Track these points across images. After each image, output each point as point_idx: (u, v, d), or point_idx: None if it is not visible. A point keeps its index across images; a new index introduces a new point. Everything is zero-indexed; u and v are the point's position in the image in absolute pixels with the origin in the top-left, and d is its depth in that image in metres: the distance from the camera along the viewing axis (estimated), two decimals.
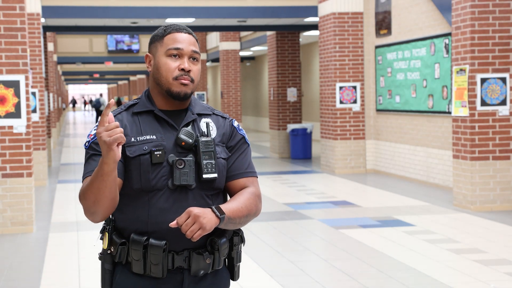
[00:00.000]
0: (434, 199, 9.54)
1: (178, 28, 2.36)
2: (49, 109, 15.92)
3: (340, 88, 12.56)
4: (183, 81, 2.30)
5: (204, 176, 2.28)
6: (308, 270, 5.95)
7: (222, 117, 2.44)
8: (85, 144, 2.36)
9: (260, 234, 7.50)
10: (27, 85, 7.74)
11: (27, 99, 7.75)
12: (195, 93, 24.96)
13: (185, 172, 2.26)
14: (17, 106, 7.67)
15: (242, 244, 2.41)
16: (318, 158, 15.29)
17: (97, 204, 2.20)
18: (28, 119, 7.76)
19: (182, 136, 2.29)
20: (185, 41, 2.34)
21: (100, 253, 2.35)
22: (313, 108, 22.28)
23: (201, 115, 2.41)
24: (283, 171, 13.61)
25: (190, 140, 2.29)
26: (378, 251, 6.58)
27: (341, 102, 12.59)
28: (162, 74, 2.32)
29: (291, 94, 16.36)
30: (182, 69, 2.31)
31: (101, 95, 47.91)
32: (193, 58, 2.35)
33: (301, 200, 9.82)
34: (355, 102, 12.62)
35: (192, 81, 2.33)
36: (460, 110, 8.78)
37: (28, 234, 7.73)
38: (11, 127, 7.69)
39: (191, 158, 2.28)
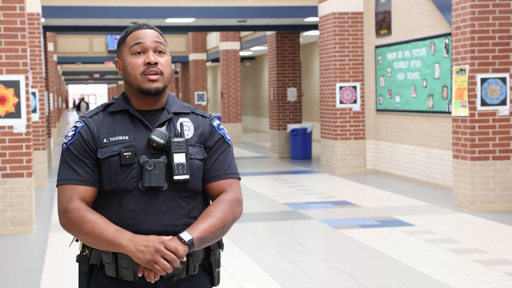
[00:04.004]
0: (434, 199, 9.54)
1: (138, 26, 2.34)
2: (49, 109, 15.92)
3: (340, 88, 12.56)
4: (151, 77, 2.27)
5: (175, 177, 2.23)
6: (308, 270, 5.95)
7: (202, 116, 2.38)
8: (62, 146, 2.32)
9: (260, 234, 7.50)
10: (27, 85, 7.74)
11: (27, 99, 7.75)
12: (195, 92, 24.95)
13: (155, 173, 2.22)
14: (17, 106, 7.67)
15: (221, 250, 2.36)
16: (318, 158, 15.29)
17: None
18: (28, 119, 7.76)
19: (154, 137, 2.25)
20: (147, 35, 2.30)
21: (77, 255, 2.32)
22: (313, 108, 22.28)
23: (179, 114, 2.35)
24: (283, 171, 13.61)
25: (162, 141, 2.24)
26: (378, 251, 6.58)
27: (341, 102, 12.59)
28: (130, 73, 2.29)
29: (291, 94, 16.36)
30: (148, 63, 2.27)
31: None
32: (158, 51, 2.31)
33: (301, 200, 9.82)
34: (355, 102, 12.62)
35: (161, 73, 2.28)
36: (460, 110, 8.78)
37: (28, 234, 7.73)
38: (11, 127, 7.69)
39: (162, 160, 2.23)
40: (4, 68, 7.63)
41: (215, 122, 2.39)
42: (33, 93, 11.30)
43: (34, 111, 11.46)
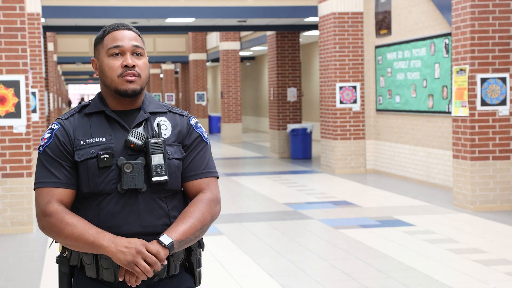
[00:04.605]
0: (434, 199, 9.54)
1: (116, 27, 2.31)
2: (49, 109, 15.92)
3: (340, 88, 12.57)
4: (128, 78, 2.25)
5: (154, 179, 2.22)
6: (308, 270, 5.95)
7: (180, 114, 2.37)
8: (39, 148, 2.30)
9: (260, 234, 7.50)
10: (27, 85, 7.74)
11: (27, 99, 7.75)
12: (195, 92, 24.95)
13: (133, 175, 2.21)
14: (17, 106, 7.67)
15: (201, 249, 2.36)
16: (318, 158, 15.29)
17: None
18: (28, 119, 7.77)
19: (131, 138, 2.24)
20: (125, 37, 2.28)
21: (57, 256, 2.31)
22: (313, 108, 22.28)
23: (155, 114, 2.34)
24: (283, 171, 13.61)
25: (140, 142, 2.24)
26: (378, 251, 6.58)
27: (341, 102, 12.59)
28: (107, 74, 2.27)
29: (291, 94, 16.37)
30: (126, 66, 2.26)
31: None
32: (136, 53, 2.29)
33: (301, 200, 9.82)
34: (355, 102, 12.62)
35: (139, 76, 2.27)
36: (460, 110, 8.78)
37: (28, 234, 7.73)
38: (11, 127, 7.69)
39: (140, 161, 2.22)
40: (4, 68, 7.63)
41: (193, 121, 2.38)
42: (33, 93, 11.30)
43: (34, 111, 11.46)
